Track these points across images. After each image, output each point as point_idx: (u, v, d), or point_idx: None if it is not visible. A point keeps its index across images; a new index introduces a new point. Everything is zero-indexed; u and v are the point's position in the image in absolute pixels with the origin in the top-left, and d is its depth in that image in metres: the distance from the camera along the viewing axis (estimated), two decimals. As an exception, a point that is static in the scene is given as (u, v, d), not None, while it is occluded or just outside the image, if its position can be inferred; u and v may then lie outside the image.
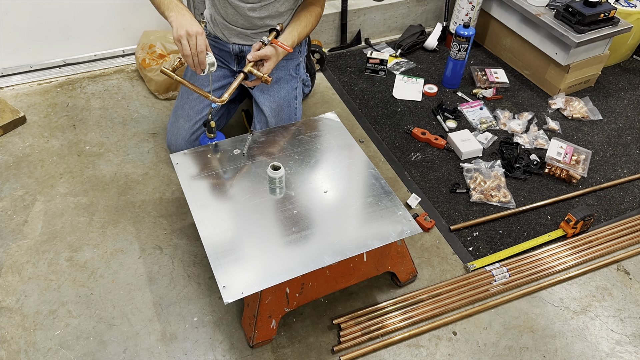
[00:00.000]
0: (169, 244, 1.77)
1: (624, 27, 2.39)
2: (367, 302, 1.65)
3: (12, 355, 1.46)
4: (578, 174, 2.07)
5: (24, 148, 2.08)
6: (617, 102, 2.56)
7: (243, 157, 1.63)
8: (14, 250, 1.72)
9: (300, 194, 1.53)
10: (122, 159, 2.07)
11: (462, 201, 1.99)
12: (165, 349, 1.50)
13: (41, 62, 2.42)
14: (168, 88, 2.33)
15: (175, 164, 1.61)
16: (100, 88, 2.40)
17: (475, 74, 2.61)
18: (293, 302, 1.49)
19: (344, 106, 2.42)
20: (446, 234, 1.87)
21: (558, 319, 1.65)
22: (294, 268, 1.33)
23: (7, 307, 1.58)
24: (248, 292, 1.28)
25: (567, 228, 1.87)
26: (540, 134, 2.29)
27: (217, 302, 1.62)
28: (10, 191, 1.91)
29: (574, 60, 2.42)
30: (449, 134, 2.22)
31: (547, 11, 2.45)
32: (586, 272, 1.78)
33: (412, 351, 1.54)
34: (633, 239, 1.88)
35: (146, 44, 2.36)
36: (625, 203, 2.04)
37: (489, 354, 1.55)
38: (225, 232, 1.42)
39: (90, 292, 1.62)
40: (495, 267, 1.75)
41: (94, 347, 1.49)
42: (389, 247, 1.54)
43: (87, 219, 1.83)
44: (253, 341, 1.48)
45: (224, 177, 1.57)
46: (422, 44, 2.81)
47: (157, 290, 1.64)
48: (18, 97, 2.31)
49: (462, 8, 2.69)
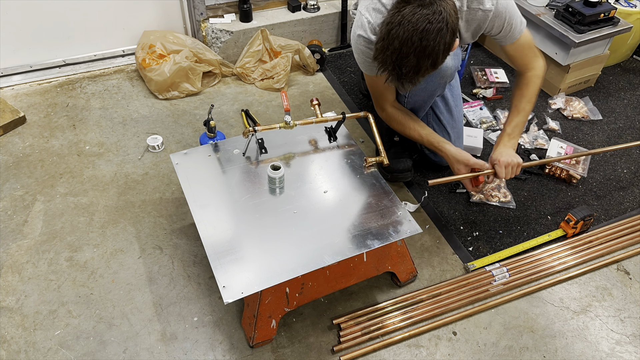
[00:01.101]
0: (169, 244, 1.77)
1: (624, 27, 2.39)
2: (367, 302, 1.65)
3: (12, 355, 1.46)
4: (578, 174, 2.07)
5: (24, 148, 2.08)
6: (617, 102, 2.56)
7: (243, 157, 1.63)
8: (14, 250, 1.72)
9: (300, 194, 1.53)
10: (122, 159, 2.07)
11: (462, 201, 1.99)
12: (165, 349, 1.50)
13: (41, 62, 2.42)
14: (168, 88, 2.33)
15: (175, 164, 1.61)
16: (100, 88, 2.40)
17: (475, 74, 2.61)
18: (293, 302, 1.49)
19: (344, 106, 2.42)
20: (446, 233, 1.87)
21: (558, 319, 1.65)
22: (294, 268, 1.33)
23: (7, 307, 1.58)
24: (248, 292, 1.28)
25: (567, 228, 1.87)
26: (540, 134, 2.29)
27: (217, 302, 1.62)
28: (10, 191, 1.91)
29: (574, 60, 2.42)
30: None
31: (547, 11, 2.45)
32: (586, 272, 1.78)
33: (412, 351, 1.54)
34: (633, 239, 1.88)
35: (146, 44, 2.36)
36: (625, 203, 2.04)
37: (489, 354, 1.55)
38: (225, 232, 1.42)
39: (90, 292, 1.62)
40: (495, 267, 1.75)
41: (94, 347, 1.49)
42: (389, 247, 1.54)
43: (87, 219, 1.83)
44: (253, 341, 1.48)
45: (224, 177, 1.57)
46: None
47: (157, 290, 1.64)
48: (18, 97, 2.31)
49: (462, 8, 2.69)
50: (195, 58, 2.36)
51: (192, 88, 2.37)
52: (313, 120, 1.68)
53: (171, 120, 2.25)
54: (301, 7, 2.62)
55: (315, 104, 1.74)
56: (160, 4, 2.45)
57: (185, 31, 2.57)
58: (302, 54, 2.50)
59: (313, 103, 1.75)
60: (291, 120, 1.62)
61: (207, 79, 2.46)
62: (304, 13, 2.61)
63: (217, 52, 2.52)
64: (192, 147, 1.96)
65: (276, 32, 2.56)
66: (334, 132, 1.72)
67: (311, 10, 2.61)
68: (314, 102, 1.75)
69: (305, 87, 2.51)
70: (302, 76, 2.58)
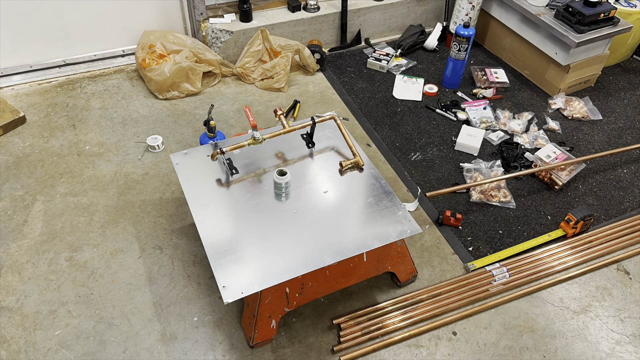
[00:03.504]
0: (169, 244, 1.77)
1: (624, 27, 2.39)
2: (367, 302, 1.65)
3: (12, 355, 1.46)
4: (560, 180, 2.04)
5: (24, 148, 2.08)
6: (617, 102, 2.56)
7: (243, 157, 1.63)
8: (14, 250, 1.72)
9: (300, 194, 1.53)
10: (122, 159, 2.07)
11: (462, 201, 1.99)
12: (165, 349, 1.50)
13: (41, 62, 2.42)
14: (168, 88, 2.33)
15: (175, 164, 1.61)
16: (100, 88, 2.40)
17: (475, 73, 2.61)
18: (293, 302, 1.49)
19: (344, 106, 2.42)
20: (446, 233, 1.87)
21: (558, 319, 1.65)
22: (294, 268, 1.33)
23: (7, 307, 1.58)
24: (248, 292, 1.27)
25: (567, 228, 1.87)
26: (540, 133, 2.28)
27: (217, 302, 1.62)
28: (10, 191, 1.91)
29: (574, 60, 2.42)
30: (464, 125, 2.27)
31: (547, 11, 2.45)
32: (586, 272, 1.78)
33: (412, 351, 1.54)
34: (633, 239, 1.88)
35: (146, 44, 2.35)
36: (625, 203, 2.04)
37: (489, 354, 1.55)
38: (225, 232, 1.42)
39: (90, 292, 1.62)
40: (495, 267, 1.75)
41: (94, 347, 1.49)
42: (389, 247, 1.54)
43: (87, 219, 1.83)
44: (253, 341, 1.48)
45: (224, 177, 1.57)
46: (422, 44, 2.81)
47: (157, 290, 1.64)
48: (18, 97, 2.31)
49: (462, 8, 2.69)
50: (195, 58, 2.36)
51: (192, 88, 2.37)
52: (281, 131, 1.64)
53: (171, 120, 2.25)
54: (301, 7, 2.62)
55: (280, 114, 1.68)
56: (160, 4, 2.45)
57: (185, 31, 2.57)
58: (302, 54, 2.50)
59: (278, 114, 1.69)
60: (260, 135, 1.59)
61: (207, 79, 2.46)
62: (304, 13, 2.61)
63: (217, 52, 2.52)
64: (192, 147, 1.96)
65: (276, 32, 2.56)
66: (310, 138, 1.70)
67: (311, 10, 2.61)
68: (278, 112, 1.69)
69: (305, 87, 2.50)
70: (302, 76, 2.58)
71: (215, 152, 1.56)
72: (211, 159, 1.59)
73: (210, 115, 2.01)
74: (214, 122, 2.03)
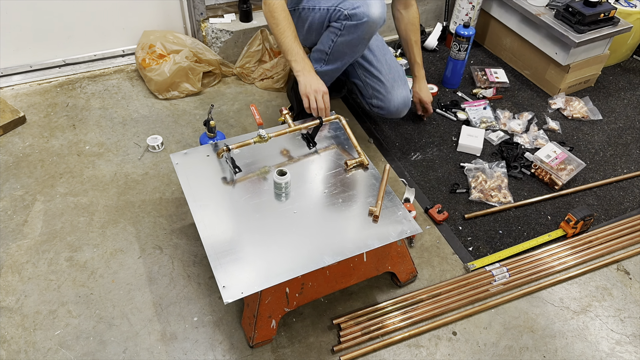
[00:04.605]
0: (169, 244, 1.77)
1: (624, 27, 2.39)
2: (367, 302, 1.65)
3: (12, 355, 1.46)
4: (560, 181, 2.04)
5: (24, 148, 2.08)
6: (617, 102, 2.56)
7: (243, 157, 1.63)
8: (14, 250, 1.72)
9: (300, 194, 1.53)
10: (122, 159, 2.07)
11: (462, 201, 1.99)
12: (165, 349, 1.50)
13: (41, 62, 2.42)
14: (168, 88, 2.33)
15: (175, 164, 1.61)
16: (100, 88, 2.40)
17: (475, 74, 2.61)
18: (293, 302, 1.49)
19: (343, 105, 2.42)
20: (446, 233, 1.87)
21: (558, 319, 1.65)
22: (294, 268, 1.33)
23: (7, 307, 1.58)
24: (248, 292, 1.28)
25: (567, 228, 1.87)
26: (540, 134, 2.29)
27: (217, 302, 1.62)
28: (10, 191, 1.91)
29: (574, 60, 2.42)
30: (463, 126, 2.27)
31: (547, 11, 2.45)
32: (586, 272, 1.78)
33: (412, 351, 1.54)
34: (633, 239, 1.88)
35: (146, 43, 2.36)
36: (625, 203, 2.04)
37: (489, 354, 1.55)
38: (225, 232, 1.42)
39: (90, 292, 1.62)
40: (495, 267, 1.75)
41: (94, 347, 1.49)
42: (389, 247, 1.54)
43: (87, 219, 1.83)
44: (253, 341, 1.48)
45: (224, 177, 1.57)
46: (422, 44, 2.81)
47: (157, 290, 1.64)
48: (18, 97, 2.31)
49: (462, 8, 2.69)
50: (195, 58, 2.36)
51: (192, 88, 2.37)
52: (286, 130, 1.65)
53: (171, 120, 2.25)
54: (301, 7, 2.62)
55: (285, 113, 1.70)
56: (160, 4, 2.45)
57: (185, 31, 2.57)
58: (302, 54, 2.49)
59: (283, 113, 1.70)
60: (265, 133, 1.60)
61: (207, 79, 2.46)
62: (304, 13, 2.61)
63: (217, 52, 2.52)
64: (192, 147, 1.96)
65: (276, 32, 2.55)
66: (312, 138, 1.70)
67: (311, 10, 2.61)
68: (284, 111, 1.70)
69: (305, 87, 2.50)
70: (302, 76, 2.57)
71: (222, 150, 1.57)
72: (217, 156, 1.59)
73: (210, 115, 2.01)
74: (214, 122, 2.03)
